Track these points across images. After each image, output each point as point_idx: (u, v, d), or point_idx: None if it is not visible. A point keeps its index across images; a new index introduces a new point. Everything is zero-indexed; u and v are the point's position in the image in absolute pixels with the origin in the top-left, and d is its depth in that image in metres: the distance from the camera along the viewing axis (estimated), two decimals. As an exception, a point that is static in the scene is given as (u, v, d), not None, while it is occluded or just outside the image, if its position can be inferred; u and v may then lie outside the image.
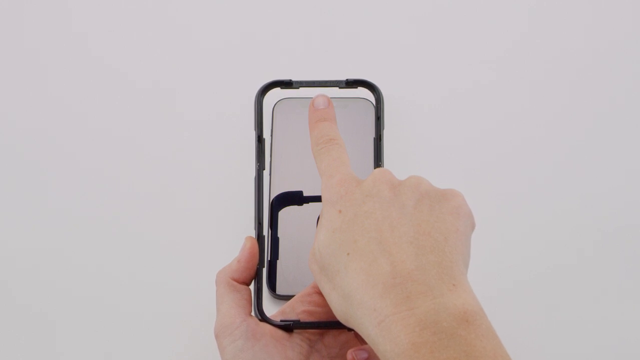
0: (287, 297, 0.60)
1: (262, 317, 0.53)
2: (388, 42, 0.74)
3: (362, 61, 0.73)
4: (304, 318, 0.53)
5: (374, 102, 0.63)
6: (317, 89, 0.60)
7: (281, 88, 0.61)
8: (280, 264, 0.62)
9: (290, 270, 0.62)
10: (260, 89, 0.60)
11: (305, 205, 0.63)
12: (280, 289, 0.61)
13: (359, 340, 0.53)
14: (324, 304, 0.50)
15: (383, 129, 0.60)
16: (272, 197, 0.64)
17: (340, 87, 0.61)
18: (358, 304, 0.43)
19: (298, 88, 0.61)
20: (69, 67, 0.73)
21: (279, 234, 0.62)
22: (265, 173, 0.61)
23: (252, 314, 0.53)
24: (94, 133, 0.70)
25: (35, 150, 0.69)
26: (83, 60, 0.73)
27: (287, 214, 0.63)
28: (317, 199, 0.62)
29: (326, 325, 0.53)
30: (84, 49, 0.74)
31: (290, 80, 0.61)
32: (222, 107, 0.71)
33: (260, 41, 0.74)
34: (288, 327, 0.53)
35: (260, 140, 0.58)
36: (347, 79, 0.62)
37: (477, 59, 0.74)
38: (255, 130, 0.58)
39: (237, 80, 0.72)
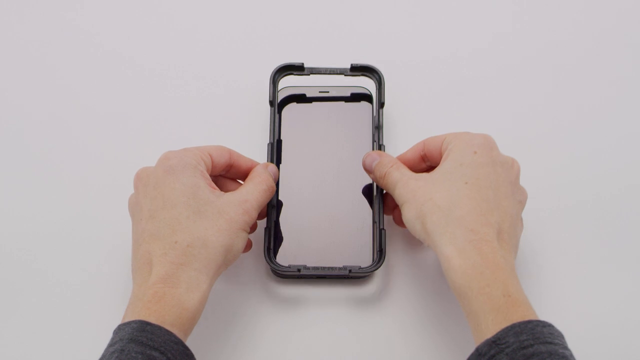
0: (286, 269, 0.63)
1: (272, 263, 0.61)
2: (389, 34, 0.76)
3: (363, 57, 0.73)
4: None
5: (375, 88, 0.68)
6: (325, 77, 0.68)
7: (294, 74, 0.68)
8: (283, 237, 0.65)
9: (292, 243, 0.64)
10: (275, 70, 0.68)
11: (305, 194, 0.66)
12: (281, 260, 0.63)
13: None
14: None
15: (383, 106, 0.67)
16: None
17: (345, 75, 0.68)
18: (457, 219, 0.55)
19: (309, 75, 0.68)
20: (77, 56, 0.75)
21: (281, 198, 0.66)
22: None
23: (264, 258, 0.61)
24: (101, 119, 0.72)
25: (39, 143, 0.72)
26: (91, 50, 0.76)
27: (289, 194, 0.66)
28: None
29: (331, 272, 0.61)
30: (91, 40, 0.76)
31: (302, 64, 0.68)
32: (222, 105, 0.73)
33: (261, 36, 0.76)
34: (295, 272, 0.61)
35: (272, 104, 0.67)
36: (351, 64, 0.68)
37: (476, 50, 0.75)
38: (269, 99, 0.67)
39: (238, 78, 0.74)
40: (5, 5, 0.78)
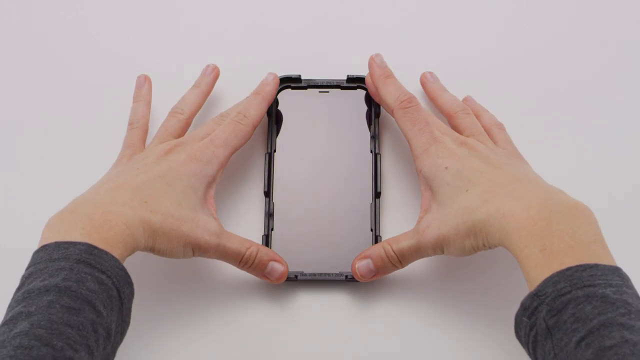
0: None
1: None
2: (387, 36, 0.77)
3: (361, 54, 0.73)
4: None
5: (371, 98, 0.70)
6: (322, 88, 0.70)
7: (292, 88, 0.70)
8: (276, 236, 0.66)
9: (287, 244, 0.66)
10: None
11: (300, 189, 0.68)
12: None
13: None
14: None
15: (379, 115, 0.69)
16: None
17: (342, 88, 0.70)
18: (475, 222, 0.57)
19: (306, 88, 0.70)
20: (77, 56, 0.76)
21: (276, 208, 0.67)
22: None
23: None
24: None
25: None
26: (91, 50, 0.77)
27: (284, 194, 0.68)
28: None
29: (327, 277, 0.63)
30: (91, 39, 0.77)
31: (299, 76, 0.70)
32: (222, 102, 0.74)
33: (262, 38, 0.77)
34: (292, 278, 0.63)
35: (269, 115, 0.69)
36: (348, 76, 0.70)
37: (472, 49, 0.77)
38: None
39: (237, 76, 0.74)
40: (5, 4, 0.79)
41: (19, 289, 0.52)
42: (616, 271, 0.50)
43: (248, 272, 0.63)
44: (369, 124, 0.69)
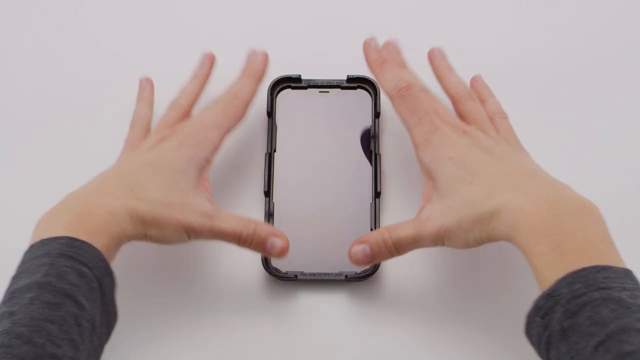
0: (284, 275, 0.64)
1: (269, 268, 0.63)
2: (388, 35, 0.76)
3: (361, 54, 0.72)
4: None
5: (371, 98, 0.70)
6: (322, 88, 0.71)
7: (291, 88, 0.70)
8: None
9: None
10: (272, 82, 0.70)
11: (300, 189, 0.68)
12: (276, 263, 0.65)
13: None
14: None
15: (379, 115, 0.69)
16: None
17: (342, 88, 0.70)
18: (482, 214, 0.56)
19: (306, 88, 0.69)
20: (78, 56, 0.77)
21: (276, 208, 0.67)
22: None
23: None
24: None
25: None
26: (92, 51, 0.77)
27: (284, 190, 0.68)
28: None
29: (327, 277, 0.63)
30: (90, 37, 0.78)
31: (299, 75, 0.70)
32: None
33: (262, 37, 0.76)
34: (293, 278, 0.63)
35: (270, 115, 0.68)
36: (348, 76, 0.70)
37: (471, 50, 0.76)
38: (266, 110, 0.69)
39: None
40: (5, 4, 0.79)
41: (6, 290, 0.52)
42: (628, 274, 0.50)
43: (250, 250, 0.61)
44: (370, 136, 0.69)
